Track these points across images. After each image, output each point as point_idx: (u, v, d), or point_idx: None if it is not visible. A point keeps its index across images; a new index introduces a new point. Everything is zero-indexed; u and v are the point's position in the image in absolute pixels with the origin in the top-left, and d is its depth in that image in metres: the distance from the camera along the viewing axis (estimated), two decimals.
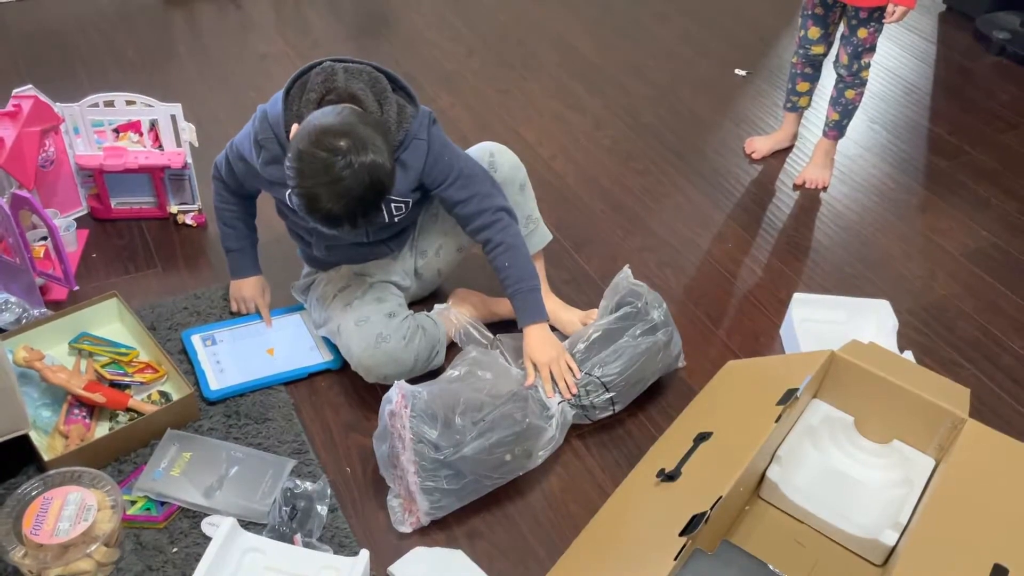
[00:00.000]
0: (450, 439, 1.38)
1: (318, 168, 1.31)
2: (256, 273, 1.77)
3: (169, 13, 2.91)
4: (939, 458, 1.48)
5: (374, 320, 1.58)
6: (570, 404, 1.55)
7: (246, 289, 1.76)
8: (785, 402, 1.40)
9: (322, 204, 1.33)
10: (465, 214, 1.58)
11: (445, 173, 1.54)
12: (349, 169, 1.31)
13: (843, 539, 1.41)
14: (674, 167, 2.37)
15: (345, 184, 1.32)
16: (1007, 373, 1.83)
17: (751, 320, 1.91)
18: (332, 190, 1.32)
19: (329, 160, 1.31)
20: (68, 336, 1.66)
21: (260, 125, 1.49)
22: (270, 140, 1.48)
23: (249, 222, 1.73)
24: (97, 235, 1.99)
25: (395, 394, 1.40)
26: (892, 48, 3.00)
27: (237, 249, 1.74)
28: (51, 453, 1.45)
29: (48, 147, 1.89)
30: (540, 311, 1.60)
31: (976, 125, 2.63)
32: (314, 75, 1.44)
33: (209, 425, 1.57)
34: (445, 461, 1.37)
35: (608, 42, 2.93)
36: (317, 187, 1.32)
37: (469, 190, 1.56)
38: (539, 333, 1.58)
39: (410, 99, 1.50)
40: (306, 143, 1.33)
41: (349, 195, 1.33)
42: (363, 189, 1.33)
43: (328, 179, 1.31)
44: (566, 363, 1.56)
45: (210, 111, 2.40)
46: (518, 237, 1.60)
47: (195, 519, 1.42)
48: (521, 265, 1.59)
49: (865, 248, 2.14)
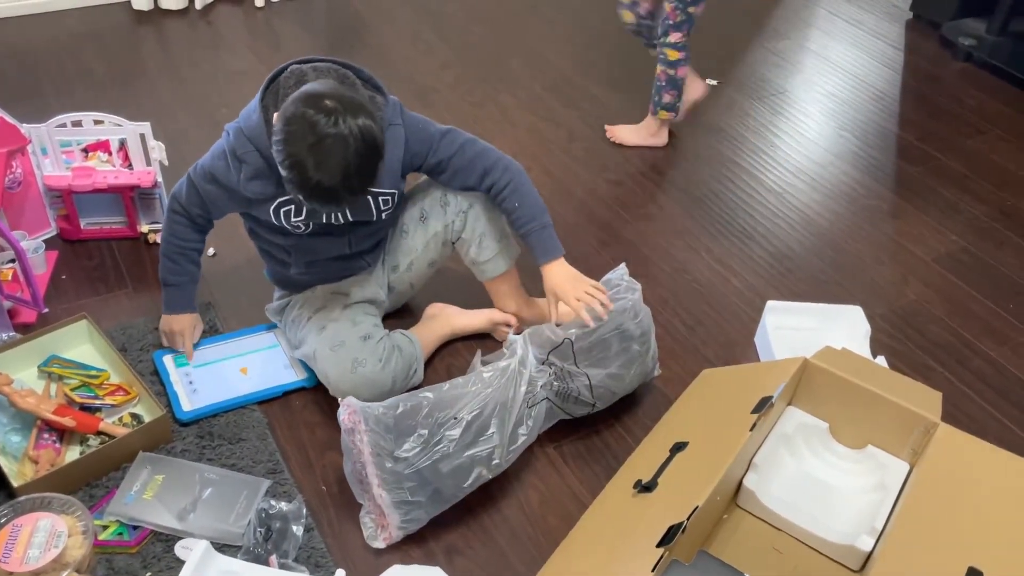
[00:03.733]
0: (411, 448, 1.37)
1: (306, 129, 1.29)
2: (190, 310, 1.71)
3: (138, 31, 2.89)
4: (913, 463, 1.49)
5: (349, 344, 1.57)
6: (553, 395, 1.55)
7: (176, 324, 1.70)
8: (760, 410, 1.40)
9: (314, 172, 1.29)
10: (462, 166, 1.58)
11: (428, 141, 1.56)
12: (340, 125, 1.29)
13: (820, 545, 1.41)
14: (647, 177, 2.38)
15: (338, 139, 1.29)
16: (978, 375, 1.85)
17: (726, 328, 1.92)
18: (324, 149, 1.29)
19: (317, 118, 1.29)
20: (37, 359, 1.64)
21: (236, 140, 1.47)
22: (250, 153, 1.46)
23: (195, 258, 1.67)
24: (67, 256, 1.96)
25: (344, 412, 1.39)
26: (860, 55, 3.04)
27: (176, 284, 1.68)
28: (20, 479, 1.43)
29: (15, 168, 1.87)
30: (556, 247, 1.59)
31: (944, 131, 2.67)
32: (284, 79, 1.44)
33: (182, 447, 1.55)
34: (405, 472, 1.36)
35: (581, 55, 2.94)
36: (309, 150, 1.29)
37: (456, 143, 1.57)
38: (559, 269, 1.58)
39: (378, 90, 1.50)
40: (293, 108, 1.31)
41: (344, 152, 1.30)
42: (356, 143, 1.30)
43: (316, 138, 1.28)
44: (591, 287, 1.55)
45: (180, 129, 2.39)
46: (521, 174, 1.61)
47: (168, 543, 1.40)
48: (530, 204, 1.59)
49: (837, 254, 2.15)
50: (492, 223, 1.67)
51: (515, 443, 1.47)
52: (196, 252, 1.67)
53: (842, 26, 3.21)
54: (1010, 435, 1.72)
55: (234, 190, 1.51)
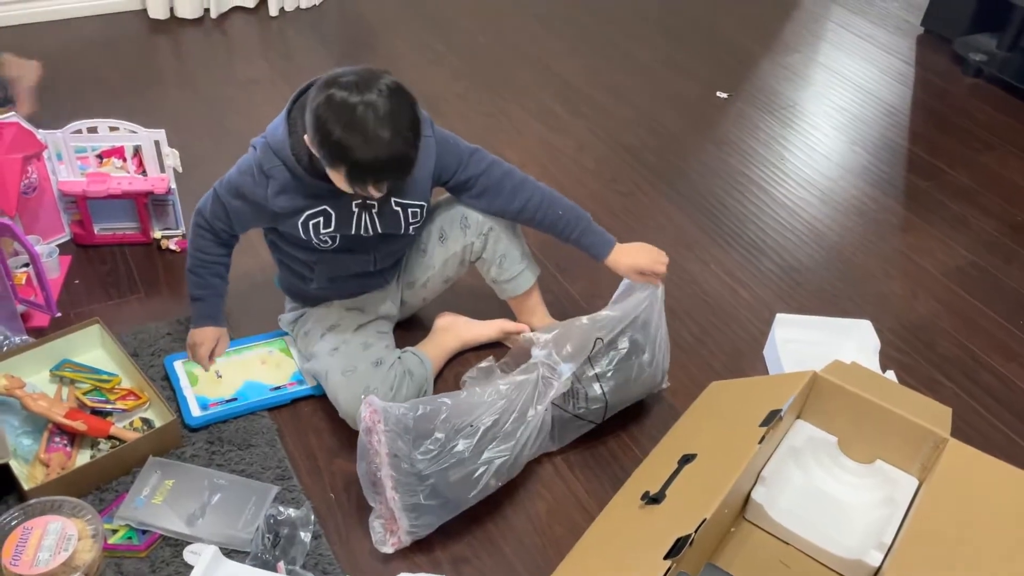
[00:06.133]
0: (428, 451, 1.37)
1: (337, 110, 1.29)
2: (215, 324, 1.69)
3: (153, 39, 2.92)
4: (922, 478, 1.49)
5: (361, 371, 1.57)
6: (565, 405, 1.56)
7: (198, 336, 1.68)
8: (768, 423, 1.40)
9: (364, 149, 1.30)
10: (490, 184, 1.60)
11: (458, 156, 1.58)
12: (366, 92, 1.30)
13: (828, 560, 1.41)
14: (657, 188, 2.39)
15: (369, 105, 1.29)
16: (987, 391, 1.84)
17: (735, 341, 1.92)
18: (360, 120, 1.29)
19: (341, 95, 1.30)
20: (50, 363, 1.65)
21: (263, 154, 1.47)
22: (277, 167, 1.46)
23: (220, 272, 1.65)
24: (80, 261, 1.98)
25: (365, 410, 1.39)
26: (870, 69, 3.04)
27: (200, 298, 1.66)
28: (31, 482, 1.44)
29: (31, 174, 1.89)
30: (608, 237, 1.64)
31: (954, 145, 2.67)
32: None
33: (192, 452, 1.56)
34: (421, 475, 1.37)
35: (589, 65, 2.95)
36: (347, 128, 1.29)
37: (484, 161, 1.61)
38: (624, 250, 1.63)
39: None
40: (318, 97, 1.32)
41: (380, 113, 1.29)
42: (388, 99, 1.30)
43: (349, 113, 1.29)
44: (659, 252, 1.64)
45: (194, 136, 2.40)
46: (547, 187, 1.65)
47: (177, 547, 1.41)
48: (570, 207, 1.64)
49: (847, 268, 2.15)
50: (513, 242, 1.68)
51: (526, 453, 1.47)
52: (221, 267, 1.65)
53: (853, 40, 3.22)
54: (1019, 451, 1.71)
55: (261, 205, 1.50)
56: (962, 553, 1.26)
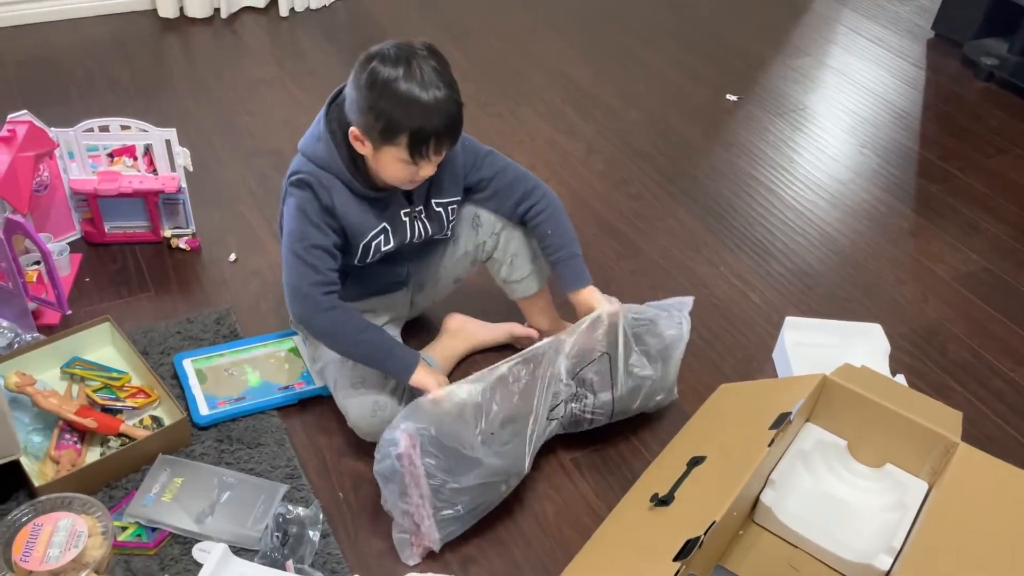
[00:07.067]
0: (459, 464, 1.38)
1: (388, 79, 1.30)
2: (415, 357, 1.49)
3: (164, 38, 2.93)
4: (932, 482, 1.48)
5: (370, 383, 1.55)
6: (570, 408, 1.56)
7: (420, 381, 1.47)
8: (778, 426, 1.40)
9: (420, 113, 1.31)
10: (501, 187, 1.60)
11: (474, 156, 1.59)
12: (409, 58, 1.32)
13: (837, 564, 1.40)
14: (666, 191, 2.38)
15: (414, 69, 1.30)
16: (998, 396, 1.83)
17: (744, 344, 1.92)
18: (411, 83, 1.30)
19: (384, 67, 1.31)
20: (60, 361, 1.66)
21: (313, 178, 1.42)
22: (333, 182, 1.43)
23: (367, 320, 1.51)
24: (90, 259, 1.99)
25: (401, 438, 1.35)
26: (881, 73, 3.04)
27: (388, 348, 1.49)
28: (42, 479, 1.45)
29: (42, 172, 1.90)
30: (585, 276, 1.60)
31: (965, 150, 2.66)
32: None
33: (201, 450, 1.56)
34: (460, 489, 1.37)
35: (599, 68, 2.95)
36: (407, 93, 1.30)
37: (497, 163, 1.61)
38: (591, 295, 1.58)
39: None
40: (364, 71, 1.33)
41: (427, 69, 1.31)
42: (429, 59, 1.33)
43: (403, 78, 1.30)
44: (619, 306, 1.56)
45: (204, 136, 2.41)
46: (557, 202, 1.63)
47: (186, 545, 1.41)
48: (563, 232, 1.61)
49: (857, 272, 2.15)
50: (525, 243, 1.67)
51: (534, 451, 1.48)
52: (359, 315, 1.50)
53: (863, 44, 3.21)
54: None
55: (331, 211, 1.45)
56: (972, 557, 1.25)
